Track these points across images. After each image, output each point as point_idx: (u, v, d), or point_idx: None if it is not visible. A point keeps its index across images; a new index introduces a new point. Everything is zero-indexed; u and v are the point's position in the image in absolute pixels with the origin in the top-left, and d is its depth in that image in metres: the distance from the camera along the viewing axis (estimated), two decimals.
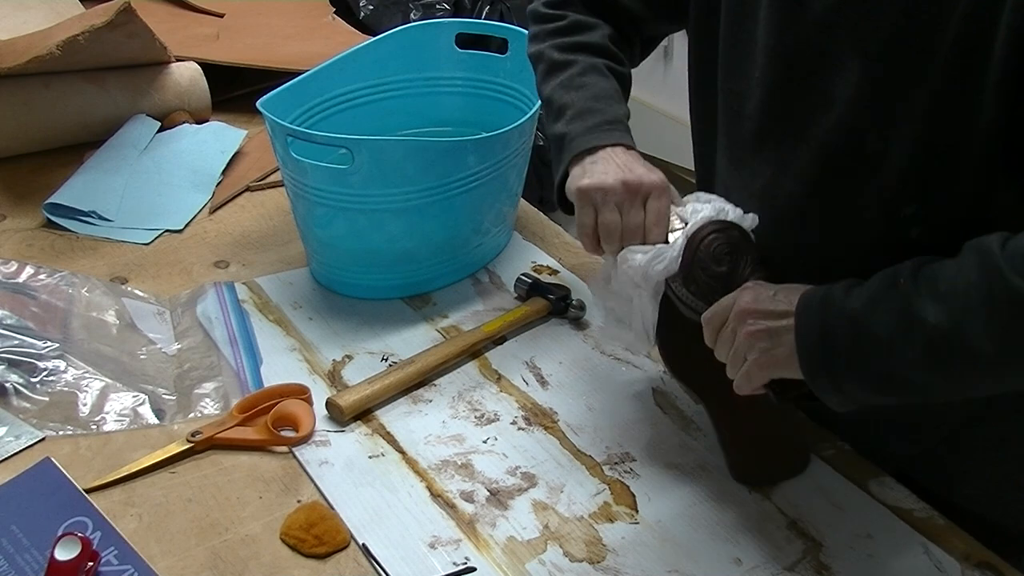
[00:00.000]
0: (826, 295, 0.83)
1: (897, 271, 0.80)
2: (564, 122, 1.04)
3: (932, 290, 0.76)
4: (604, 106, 1.04)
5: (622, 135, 1.02)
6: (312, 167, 1.19)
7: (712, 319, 0.91)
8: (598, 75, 1.06)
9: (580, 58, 1.08)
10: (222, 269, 1.34)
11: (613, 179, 0.98)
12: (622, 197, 0.98)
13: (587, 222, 1.00)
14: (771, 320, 0.85)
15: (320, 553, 0.92)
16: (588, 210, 0.99)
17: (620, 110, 1.05)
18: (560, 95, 1.06)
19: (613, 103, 1.05)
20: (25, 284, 1.20)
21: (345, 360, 1.18)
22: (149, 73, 1.63)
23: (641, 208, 0.99)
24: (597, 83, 1.06)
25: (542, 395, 1.14)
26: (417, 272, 1.28)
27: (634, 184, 0.98)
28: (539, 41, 1.13)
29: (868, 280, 0.82)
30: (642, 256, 0.98)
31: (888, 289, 0.80)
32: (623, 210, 0.98)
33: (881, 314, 0.79)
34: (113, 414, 1.07)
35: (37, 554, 0.89)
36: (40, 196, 1.43)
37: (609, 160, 0.99)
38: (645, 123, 1.18)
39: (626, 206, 0.98)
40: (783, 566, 0.93)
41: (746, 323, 0.87)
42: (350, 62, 1.39)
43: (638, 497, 1.01)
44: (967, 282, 0.75)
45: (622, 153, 1.00)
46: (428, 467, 1.03)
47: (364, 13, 2.72)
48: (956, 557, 0.94)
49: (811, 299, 0.84)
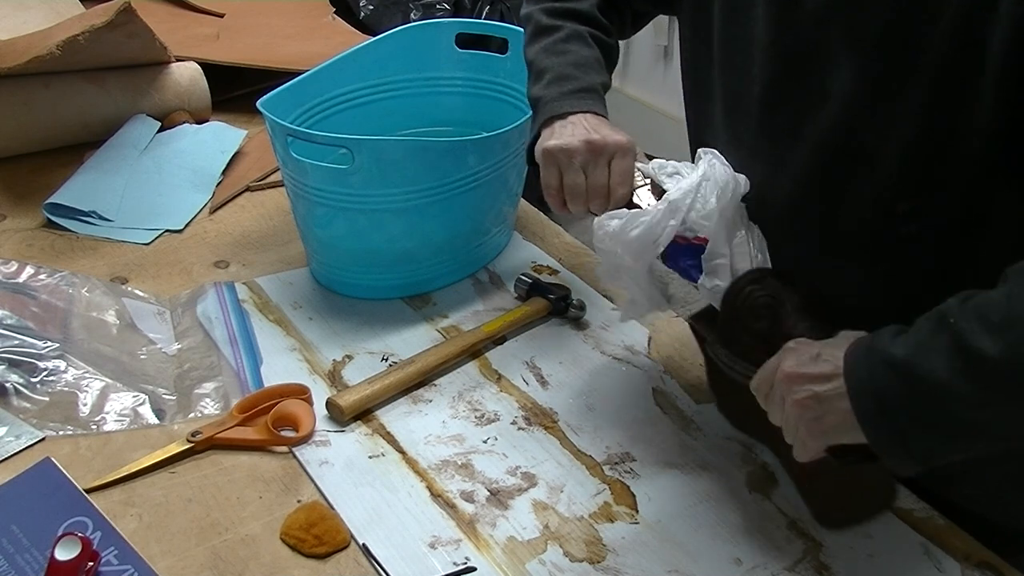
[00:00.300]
0: (871, 347, 0.79)
1: (943, 311, 0.76)
2: (542, 85, 1.06)
3: (985, 323, 0.73)
4: (581, 74, 1.05)
5: (594, 103, 1.04)
6: (312, 167, 1.19)
7: (760, 386, 0.88)
8: (581, 42, 1.08)
9: (567, 24, 1.09)
10: (222, 269, 1.34)
11: (577, 140, 0.99)
12: (586, 157, 0.99)
13: (552, 182, 1.02)
14: (817, 385, 0.81)
15: (320, 553, 0.92)
16: (553, 170, 1.01)
17: (597, 79, 1.07)
18: (542, 59, 1.08)
19: (591, 71, 1.07)
20: (25, 284, 1.20)
21: (345, 360, 1.18)
22: (149, 73, 1.63)
23: (606, 168, 1.00)
24: (579, 50, 1.07)
25: (542, 395, 1.14)
26: (417, 272, 1.28)
27: (598, 144, 0.99)
28: (532, 3, 1.15)
29: (913, 326, 0.78)
30: (616, 222, 0.98)
31: (936, 330, 0.75)
32: (587, 170, 1.00)
33: (935, 356, 0.74)
34: (113, 414, 1.07)
35: (37, 554, 0.89)
36: (40, 196, 1.43)
37: (577, 124, 1.01)
38: (645, 123, 1.18)
39: (590, 166, 1.00)
40: (783, 566, 0.93)
41: (792, 391, 0.83)
42: (350, 62, 1.39)
43: (638, 497, 1.00)
44: (1021, 307, 0.72)
45: (591, 118, 1.02)
46: (428, 467, 1.03)
47: (364, 13, 2.72)
48: (956, 557, 0.94)
49: (856, 355, 0.80)
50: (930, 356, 0.75)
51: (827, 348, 0.83)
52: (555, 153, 1.00)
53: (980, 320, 0.73)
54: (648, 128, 1.21)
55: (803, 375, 0.82)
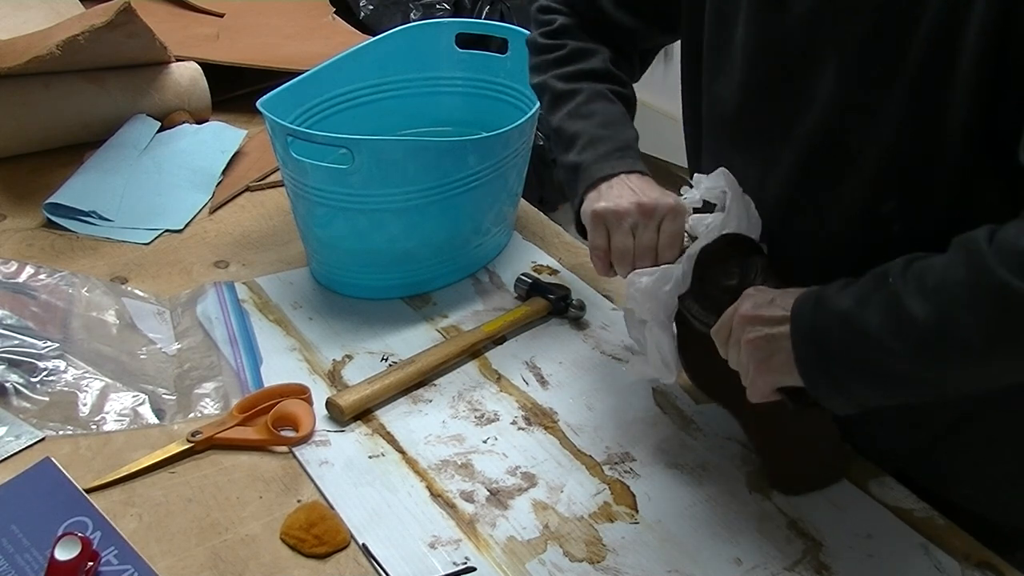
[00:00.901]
0: (819, 297, 0.83)
1: (887, 269, 0.80)
2: (576, 151, 1.05)
3: (921, 287, 0.76)
4: (614, 132, 1.05)
5: (634, 161, 1.03)
6: (312, 167, 1.19)
7: (719, 330, 0.91)
8: (604, 101, 1.07)
9: (584, 86, 1.08)
10: (222, 269, 1.34)
11: (628, 202, 0.98)
12: (636, 219, 0.98)
13: (599, 243, 1.00)
14: (769, 327, 0.85)
15: (320, 553, 0.92)
16: (601, 231, 1.00)
17: (629, 134, 1.06)
18: (569, 124, 1.07)
19: (622, 128, 1.06)
20: (25, 284, 1.20)
21: (345, 360, 1.18)
22: (149, 73, 1.63)
23: (655, 230, 0.99)
24: (605, 109, 1.07)
25: (542, 395, 1.14)
26: (417, 272, 1.28)
27: (648, 206, 0.98)
28: (541, 72, 1.13)
29: (860, 279, 0.82)
30: (648, 279, 0.98)
31: (878, 287, 0.80)
32: (636, 232, 0.99)
33: (871, 312, 0.78)
34: (113, 414, 1.07)
35: (37, 554, 0.89)
36: (40, 196, 1.43)
37: (623, 185, 1.00)
38: (645, 123, 1.18)
39: (640, 228, 0.98)
40: (783, 566, 0.93)
41: (745, 331, 0.87)
42: (350, 62, 1.39)
43: (638, 497, 1.01)
44: (955, 278, 0.75)
45: (636, 179, 1.01)
46: (428, 467, 1.03)
47: (364, 13, 2.72)
48: (956, 557, 0.94)
49: (805, 303, 0.84)
50: (867, 310, 0.79)
51: (781, 295, 0.87)
52: (605, 215, 0.99)
53: (916, 283, 0.77)
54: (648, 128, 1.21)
55: (757, 316, 0.87)
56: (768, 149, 0.95)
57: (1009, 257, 0.72)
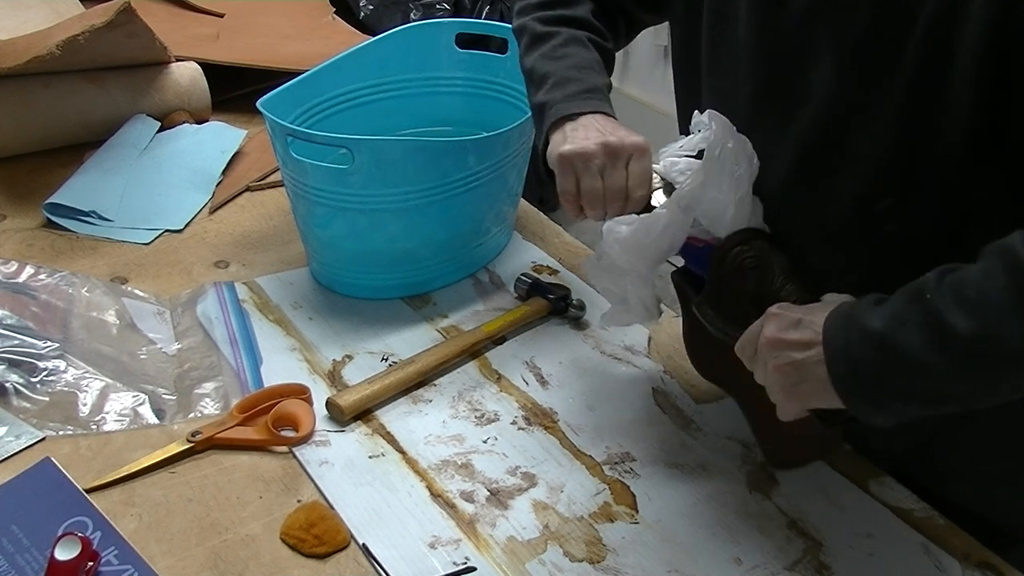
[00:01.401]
0: (848, 318, 0.81)
1: (921, 285, 0.78)
2: (545, 91, 1.05)
3: (960, 299, 0.74)
4: (584, 75, 1.04)
5: (601, 103, 1.03)
6: (312, 167, 1.19)
7: (744, 349, 0.89)
8: (580, 46, 1.08)
9: (563, 30, 1.09)
10: (222, 269, 1.34)
11: (594, 143, 0.98)
12: (603, 160, 0.98)
13: (569, 188, 1.00)
14: (797, 351, 0.83)
15: (320, 553, 0.92)
16: (570, 176, 0.99)
17: (600, 79, 1.06)
18: (541, 65, 1.07)
19: (593, 73, 1.06)
20: (25, 284, 1.20)
21: (345, 360, 1.18)
22: (149, 73, 1.63)
23: (623, 170, 0.98)
24: (578, 53, 1.07)
25: (542, 395, 1.14)
26: (417, 272, 1.28)
27: (615, 146, 0.97)
28: (523, 15, 1.14)
29: (892, 297, 0.80)
30: (627, 228, 0.97)
31: (912, 304, 0.77)
32: (604, 174, 0.98)
33: (910, 332, 0.76)
34: (113, 414, 1.07)
35: (37, 554, 0.89)
36: (40, 196, 1.43)
37: (589, 126, 1.00)
38: (645, 123, 1.18)
39: (607, 169, 0.98)
40: (783, 566, 0.93)
41: (772, 356, 0.85)
42: (350, 62, 1.39)
43: (638, 497, 1.01)
44: (997, 286, 0.73)
45: (601, 119, 1.01)
46: (428, 467, 1.03)
47: (364, 13, 2.72)
48: (956, 557, 0.94)
49: (835, 325, 0.81)
50: (905, 329, 0.76)
51: (808, 314, 0.85)
52: (572, 158, 0.98)
53: (955, 296, 0.75)
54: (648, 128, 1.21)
55: (783, 341, 0.84)
56: (766, 145, 0.95)
57: None
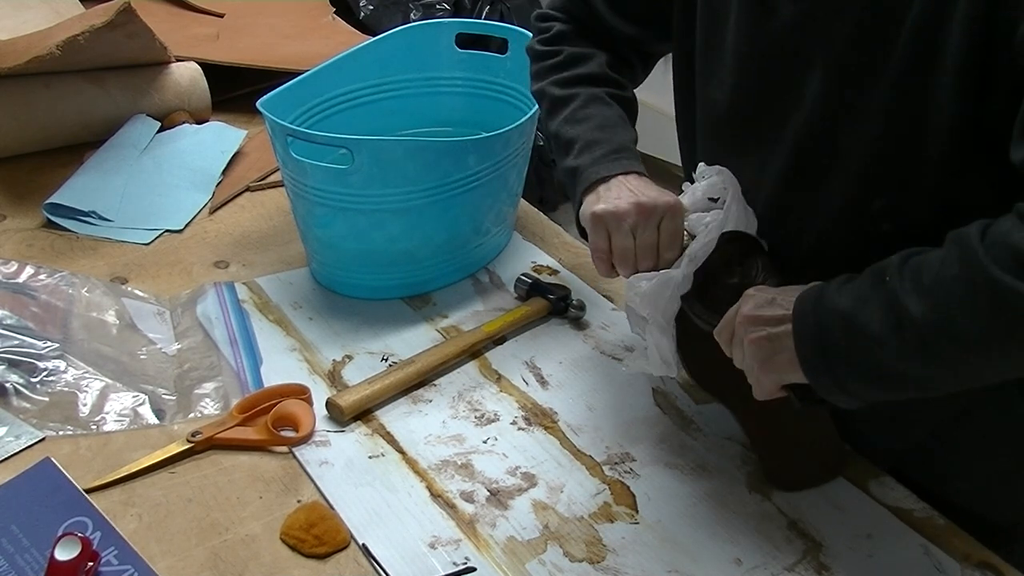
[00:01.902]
0: (819, 296, 0.84)
1: (885, 267, 0.80)
2: (573, 156, 1.05)
3: (917, 284, 0.77)
4: (610, 135, 1.05)
5: (631, 162, 1.03)
6: (312, 167, 1.19)
7: (722, 331, 0.92)
8: (600, 105, 1.08)
9: (580, 91, 1.09)
10: (222, 269, 1.34)
11: (626, 203, 0.98)
12: (636, 220, 0.98)
13: (601, 246, 1.00)
14: (771, 326, 0.86)
15: (320, 553, 0.92)
16: (602, 234, 1.00)
17: (626, 136, 1.06)
18: (566, 130, 1.07)
19: (619, 130, 1.06)
20: (25, 284, 1.20)
21: (345, 360, 1.18)
22: (149, 73, 1.63)
23: (655, 229, 0.99)
24: (600, 113, 1.07)
25: (542, 395, 1.14)
26: (417, 272, 1.28)
27: (648, 206, 0.98)
28: (539, 79, 1.14)
29: (859, 276, 0.82)
30: (648, 283, 0.98)
31: (876, 285, 0.80)
32: (636, 232, 0.98)
33: (871, 311, 0.79)
34: (113, 414, 1.07)
35: (37, 554, 0.89)
36: (40, 196, 1.43)
37: (622, 186, 1.00)
38: (645, 123, 1.18)
39: (639, 228, 0.98)
40: (783, 566, 0.93)
41: (748, 331, 0.87)
42: (350, 62, 1.39)
43: (638, 497, 1.01)
44: (950, 275, 0.75)
45: (634, 179, 1.01)
46: (428, 467, 1.03)
47: (364, 13, 2.72)
48: (956, 557, 0.94)
49: (805, 302, 0.85)
50: (867, 309, 0.79)
51: (782, 293, 0.88)
52: (604, 217, 0.99)
53: (912, 281, 0.77)
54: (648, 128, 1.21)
55: (759, 317, 0.87)
56: (760, 150, 0.96)
57: (1000, 253, 0.72)
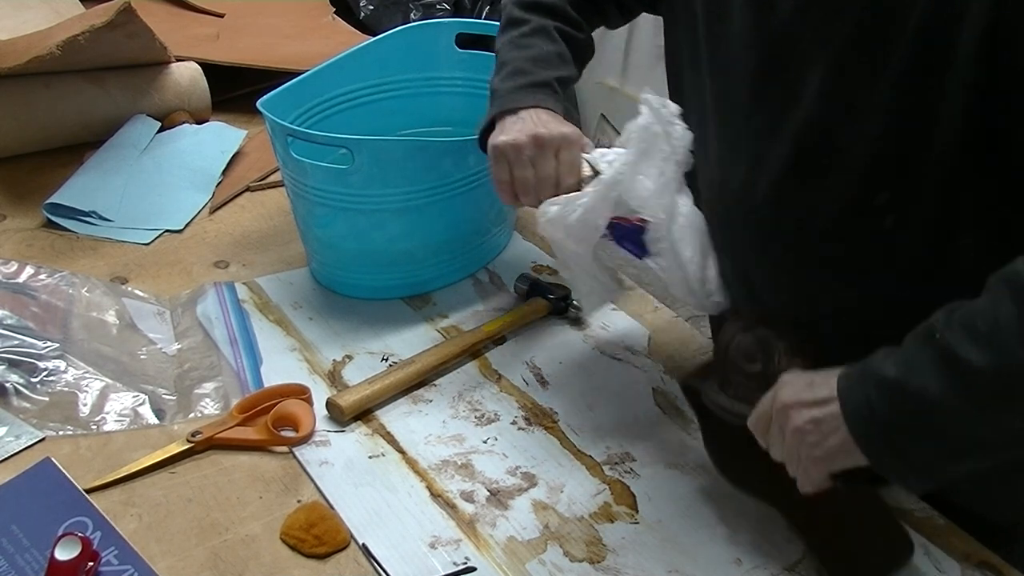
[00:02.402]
0: (863, 369, 0.79)
1: (930, 326, 0.76)
2: (499, 78, 1.10)
3: (971, 334, 0.72)
4: (538, 69, 1.08)
5: (545, 98, 1.06)
6: (312, 167, 1.19)
7: (758, 422, 0.88)
8: (544, 37, 1.11)
9: (534, 18, 1.12)
10: (222, 269, 1.34)
11: (524, 135, 1.03)
12: (533, 151, 1.03)
13: (502, 177, 1.05)
14: (814, 410, 0.81)
15: (320, 553, 0.92)
16: (503, 165, 1.05)
17: (553, 73, 1.09)
18: (505, 51, 1.11)
19: (549, 67, 1.09)
20: (25, 284, 1.20)
21: (345, 360, 1.18)
22: (149, 73, 1.63)
23: (553, 159, 1.03)
24: (540, 45, 1.10)
25: (542, 395, 1.14)
26: (417, 272, 1.28)
27: (544, 137, 1.02)
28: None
29: (902, 345, 0.78)
30: (556, 208, 1.02)
31: (924, 345, 0.76)
32: (535, 163, 1.03)
33: (925, 373, 0.74)
34: (113, 414, 1.07)
35: (37, 554, 0.89)
36: (40, 196, 1.43)
37: (526, 119, 1.04)
38: None
39: (538, 159, 1.03)
40: (783, 566, 0.93)
41: (789, 419, 0.83)
42: (350, 62, 1.39)
43: (638, 497, 1.01)
44: (1008, 314, 0.71)
45: (542, 113, 1.05)
46: (428, 467, 1.03)
47: (364, 13, 2.72)
48: (956, 557, 0.94)
49: (851, 378, 0.80)
50: (920, 372, 0.75)
51: (820, 375, 0.83)
52: (504, 149, 1.04)
53: (966, 330, 0.73)
54: None
55: (799, 402, 0.83)
56: (760, 143, 0.95)
57: None
